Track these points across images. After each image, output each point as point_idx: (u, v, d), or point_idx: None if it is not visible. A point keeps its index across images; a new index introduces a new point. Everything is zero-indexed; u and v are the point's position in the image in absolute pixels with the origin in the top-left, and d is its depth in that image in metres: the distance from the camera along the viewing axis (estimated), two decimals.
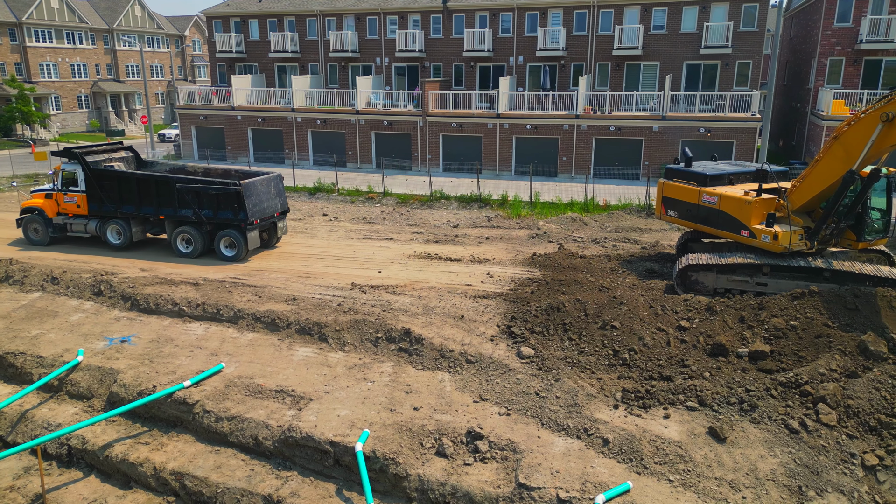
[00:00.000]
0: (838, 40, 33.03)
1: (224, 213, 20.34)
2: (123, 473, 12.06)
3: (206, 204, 20.42)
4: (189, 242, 21.13)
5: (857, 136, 13.86)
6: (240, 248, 20.53)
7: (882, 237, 15.70)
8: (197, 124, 43.40)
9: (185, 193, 20.42)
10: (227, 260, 20.67)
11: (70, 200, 22.13)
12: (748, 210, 15.61)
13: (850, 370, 11.57)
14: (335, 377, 13.36)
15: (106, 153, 22.93)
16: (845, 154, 14.15)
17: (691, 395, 11.68)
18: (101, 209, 21.74)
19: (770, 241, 15.25)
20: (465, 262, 20.28)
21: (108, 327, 16.20)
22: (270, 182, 21.39)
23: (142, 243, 22.86)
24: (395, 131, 38.52)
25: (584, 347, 13.46)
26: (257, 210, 20.44)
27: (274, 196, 21.45)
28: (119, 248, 21.96)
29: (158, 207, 21.09)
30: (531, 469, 10.19)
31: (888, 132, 13.24)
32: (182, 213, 20.79)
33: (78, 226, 22.21)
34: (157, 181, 20.86)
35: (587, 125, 34.55)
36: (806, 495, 9.61)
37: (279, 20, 44.54)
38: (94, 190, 21.56)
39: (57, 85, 61.34)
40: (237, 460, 11.70)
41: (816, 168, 14.83)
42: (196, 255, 21.00)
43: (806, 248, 15.40)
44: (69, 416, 13.38)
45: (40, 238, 22.66)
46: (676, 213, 17.79)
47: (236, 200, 20.02)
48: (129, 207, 21.45)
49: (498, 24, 39.53)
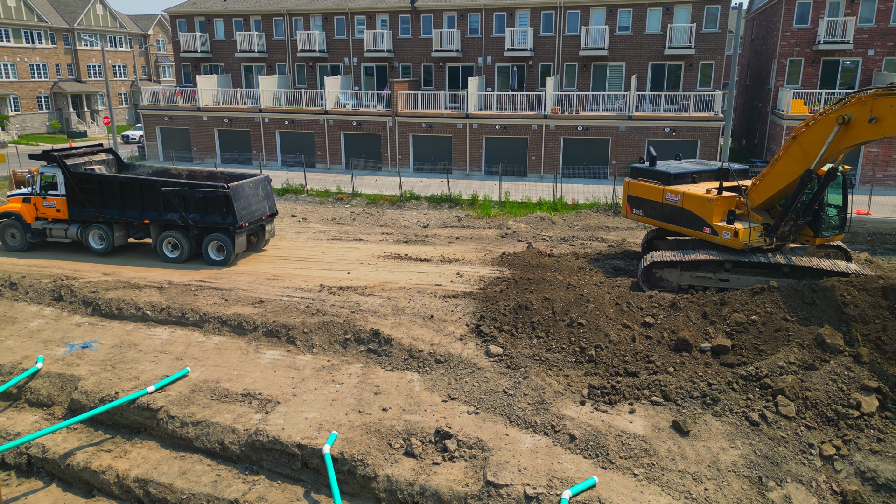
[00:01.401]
0: (797, 41, 33.89)
1: (212, 216, 19.85)
2: (86, 482, 11.80)
3: (193, 207, 19.89)
4: (175, 247, 20.58)
5: (814, 137, 14.21)
6: (228, 252, 20.03)
7: (838, 233, 16.17)
8: (161, 125, 42.64)
9: (171, 197, 19.84)
10: (216, 264, 20.16)
11: (49, 205, 21.35)
12: (709, 207, 15.93)
13: (807, 363, 11.89)
14: (303, 380, 13.26)
15: (86, 156, 22.17)
16: (803, 154, 14.51)
17: (656, 390, 11.88)
18: (82, 214, 21.03)
19: (731, 237, 15.58)
20: (435, 262, 20.30)
21: (68, 333, 15.83)
22: (258, 184, 20.96)
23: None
24: (365, 132, 38.37)
25: (551, 345, 13.59)
26: (246, 213, 19.99)
27: (262, 199, 21.00)
28: (101, 254, 21.27)
29: (143, 211, 20.48)
30: (499, 467, 10.26)
31: (844, 134, 13.59)
32: (168, 217, 20.22)
33: (58, 231, 21.43)
34: (142, 184, 20.23)
35: (555, 125, 34.86)
36: (766, 485, 9.85)
37: (245, 19, 44.00)
38: (74, 194, 20.84)
39: (15, 85, 59.69)
40: (203, 466, 11.54)
41: (775, 167, 15.19)
42: (183, 260, 20.46)
43: (765, 244, 15.76)
44: (29, 424, 13.03)
45: (18, 244, 21.85)
46: (642, 211, 18.04)
47: (224, 203, 19.55)
48: (111, 212, 20.76)
49: (466, 25, 39.65)
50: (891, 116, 12.53)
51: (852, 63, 33.42)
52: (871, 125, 12.90)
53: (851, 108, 13.27)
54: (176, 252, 20.62)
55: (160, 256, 20.77)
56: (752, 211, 15.82)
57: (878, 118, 12.75)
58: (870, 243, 22.53)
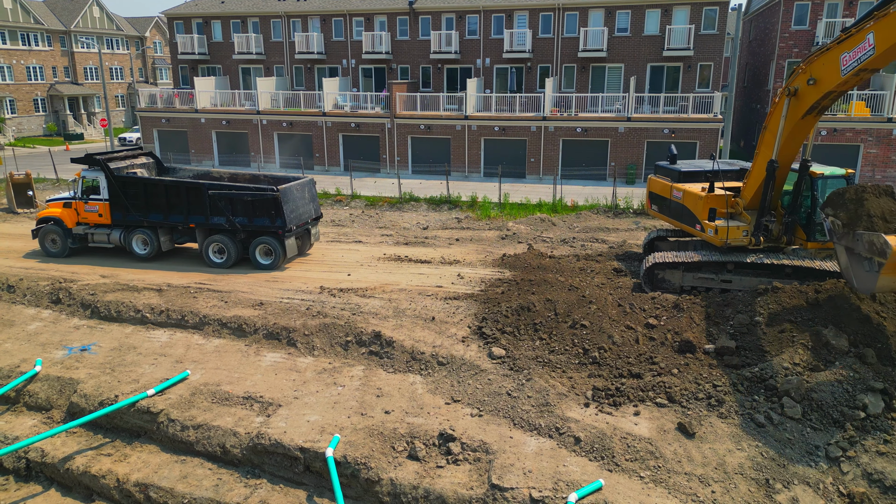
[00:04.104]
0: (795, 43, 33.93)
1: (260, 220, 19.40)
2: (85, 486, 11.67)
3: (241, 211, 19.45)
4: (221, 252, 20.07)
5: (775, 119, 14.38)
6: (277, 256, 19.61)
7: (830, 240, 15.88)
8: (159, 127, 42.51)
9: (218, 200, 19.37)
10: (263, 269, 19.72)
11: (91, 209, 20.84)
12: (700, 205, 16.05)
13: (812, 364, 11.82)
14: (304, 382, 13.16)
15: (127, 159, 21.70)
16: (773, 141, 14.65)
17: (660, 392, 11.80)
18: (125, 218, 20.54)
19: (712, 234, 15.69)
20: (436, 263, 20.21)
21: (67, 336, 15.70)
22: (305, 187, 20.58)
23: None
24: (363, 133, 38.29)
25: (554, 347, 13.51)
26: (294, 216, 19.59)
27: (308, 201, 20.63)
28: (145, 259, 20.78)
29: (188, 215, 19.93)
30: (504, 470, 10.16)
31: (796, 108, 13.74)
32: (214, 220, 19.70)
33: (100, 236, 20.94)
34: (188, 188, 19.73)
35: (554, 127, 34.83)
36: (773, 488, 9.78)
37: (243, 21, 43.91)
38: (118, 198, 20.33)
39: (11, 88, 59.50)
40: (204, 469, 11.42)
41: (755, 162, 15.30)
42: (229, 265, 19.97)
43: (750, 244, 15.63)
44: (27, 428, 12.89)
45: (58, 249, 21.30)
46: (657, 207, 18.44)
47: (273, 207, 19.12)
48: (156, 216, 20.24)
49: (464, 27, 39.62)
50: (824, 74, 12.87)
51: None
52: (812, 87, 13.23)
53: (796, 79, 13.62)
54: (222, 257, 20.08)
55: (206, 262, 20.20)
56: (746, 210, 15.80)
57: (815, 79, 13.11)
58: None
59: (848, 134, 31.36)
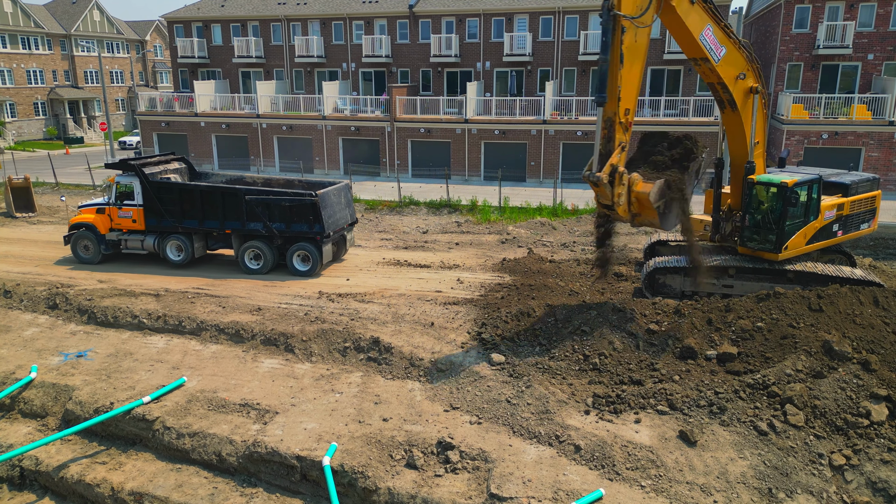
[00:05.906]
0: (797, 46, 33.82)
1: (298, 225, 19.14)
2: (79, 495, 11.54)
3: (278, 216, 19.20)
4: (258, 258, 19.82)
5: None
6: (315, 262, 19.31)
7: (766, 249, 15.32)
8: (159, 131, 42.44)
9: (255, 206, 19.11)
10: (301, 275, 19.43)
11: (125, 215, 20.58)
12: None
13: (815, 370, 11.68)
14: (302, 389, 13.03)
15: (161, 164, 21.49)
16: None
17: (661, 399, 11.67)
18: (160, 224, 20.27)
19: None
20: (435, 268, 20.09)
21: (63, 342, 15.58)
22: (341, 192, 20.34)
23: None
24: (363, 137, 38.21)
25: (554, 353, 13.37)
26: (332, 221, 19.34)
27: (344, 206, 20.43)
28: (179, 266, 20.51)
29: (224, 221, 19.67)
30: (503, 478, 10.03)
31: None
32: (251, 226, 19.45)
33: (134, 242, 20.62)
34: (224, 193, 19.46)
35: (554, 130, 34.73)
36: (776, 497, 9.64)
37: (243, 25, 43.87)
38: (152, 204, 20.07)
39: (12, 91, 59.50)
40: (200, 478, 11.29)
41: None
42: (266, 272, 19.70)
43: (709, 241, 16.36)
44: (21, 435, 12.77)
45: (91, 256, 21.03)
46: None
47: (312, 212, 18.86)
48: (191, 222, 19.97)
49: (464, 30, 39.56)
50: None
51: (852, 67, 33.36)
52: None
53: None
54: (258, 263, 19.81)
55: (242, 268, 19.92)
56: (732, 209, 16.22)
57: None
58: (872, 248, 22.38)
59: (849, 137, 31.23)
